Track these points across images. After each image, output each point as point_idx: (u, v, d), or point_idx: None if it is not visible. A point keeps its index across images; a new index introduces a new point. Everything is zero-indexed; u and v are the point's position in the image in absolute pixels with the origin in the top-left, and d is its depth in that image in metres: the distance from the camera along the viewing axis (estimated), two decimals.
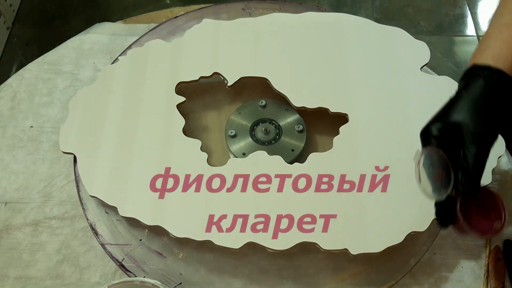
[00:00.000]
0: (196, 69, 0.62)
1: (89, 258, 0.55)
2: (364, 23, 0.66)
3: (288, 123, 0.60)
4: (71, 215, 0.58)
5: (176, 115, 0.58)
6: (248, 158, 0.55)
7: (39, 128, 0.65)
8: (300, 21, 0.66)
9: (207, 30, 0.65)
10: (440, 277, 0.54)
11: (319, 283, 0.51)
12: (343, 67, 0.62)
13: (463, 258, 0.55)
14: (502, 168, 0.61)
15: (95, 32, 0.74)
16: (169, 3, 1.52)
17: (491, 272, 0.54)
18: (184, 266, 0.52)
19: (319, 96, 0.59)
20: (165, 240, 0.54)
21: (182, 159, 0.55)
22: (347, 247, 0.49)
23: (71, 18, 1.48)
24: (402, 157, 0.54)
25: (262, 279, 0.52)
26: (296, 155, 0.57)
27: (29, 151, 0.63)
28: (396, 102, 0.59)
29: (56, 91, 0.68)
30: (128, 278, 0.49)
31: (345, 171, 0.53)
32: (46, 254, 0.55)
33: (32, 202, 0.59)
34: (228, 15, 0.71)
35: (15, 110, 0.67)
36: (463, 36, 1.57)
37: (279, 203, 0.52)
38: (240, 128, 0.59)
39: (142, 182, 0.53)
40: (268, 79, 0.61)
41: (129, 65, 0.63)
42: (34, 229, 0.57)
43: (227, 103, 0.64)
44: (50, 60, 0.71)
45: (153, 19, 0.76)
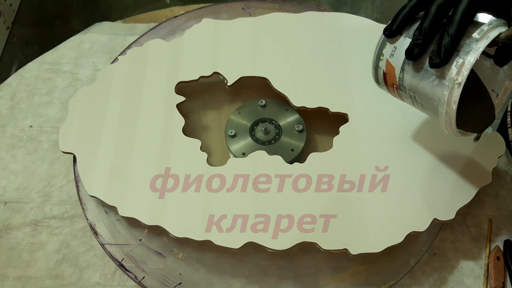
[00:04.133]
0: (196, 68, 0.62)
1: (88, 258, 0.55)
2: (364, 23, 0.66)
3: (288, 123, 0.60)
4: (71, 215, 0.58)
5: (176, 115, 0.58)
6: (248, 158, 0.55)
7: (39, 127, 0.65)
8: (300, 21, 0.66)
9: (207, 30, 0.65)
10: (440, 277, 0.54)
11: (319, 283, 0.51)
12: (343, 67, 0.62)
13: (463, 258, 0.55)
14: (502, 168, 0.61)
15: (95, 32, 0.74)
16: (169, 2, 1.52)
17: (491, 272, 0.54)
18: (184, 266, 0.52)
19: (319, 96, 0.59)
20: (165, 240, 0.54)
21: (182, 159, 0.55)
22: (347, 247, 0.49)
23: (71, 18, 1.48)
24: (402, 157, 0.54)
25: (262, 279, 0.52)
26: (296, 155, 0.57)
27: (28, 151, 0.63)
28: (396, 102, 0.59)
29: (55, 91, 0.68)
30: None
31: (345, 171, 0.53)
32: (46, 254, 0.55)
33: (32, 201, 0.59)
34: (228, 15, 0.71)
35: (14, 109, 0.66)
36: None
37: (279, 203, 0.52)
38: (240, 128, 0.59)
39: (142, 182, 0.53)
40: (268, 79, 0.61)
41: (128, 64, 0.63)
42: (34, 229, 0.57)
43: (227, 103, 0.64)
44: (49, 59, 0.71)
45: (153, 18, 0.76)
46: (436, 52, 0.40)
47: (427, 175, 0.53)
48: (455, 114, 0.41)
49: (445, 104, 0.41)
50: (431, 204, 0.52)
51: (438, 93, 0.41)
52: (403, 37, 0.44)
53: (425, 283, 0.53)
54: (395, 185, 0.53)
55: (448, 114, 0.42)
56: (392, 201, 0.52)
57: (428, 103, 0.44)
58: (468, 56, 0.39)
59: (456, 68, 0.39)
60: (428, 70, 0.41)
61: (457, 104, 0.40)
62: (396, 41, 0.44)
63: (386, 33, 0.44)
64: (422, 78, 0.42)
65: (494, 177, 0.54)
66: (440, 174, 0.53)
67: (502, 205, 0.58)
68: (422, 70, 0.42)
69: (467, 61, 0.39)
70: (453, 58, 0.40)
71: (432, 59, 0.40)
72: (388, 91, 0.49)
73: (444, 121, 0.43)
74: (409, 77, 0.44)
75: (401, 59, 0.43)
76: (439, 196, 0.52)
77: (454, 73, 0.39)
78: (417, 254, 0.53)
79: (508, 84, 0.46)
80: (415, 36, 0.41)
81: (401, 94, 0.47)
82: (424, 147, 0.55)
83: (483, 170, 0.54)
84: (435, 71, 0.41)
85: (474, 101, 0.47)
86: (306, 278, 0.52)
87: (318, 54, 0.63)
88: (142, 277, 0.51)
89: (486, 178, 0.53)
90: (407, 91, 0.45)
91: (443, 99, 0.41)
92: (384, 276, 0.52)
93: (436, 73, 0.41)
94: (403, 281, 0.53)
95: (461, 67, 0.39)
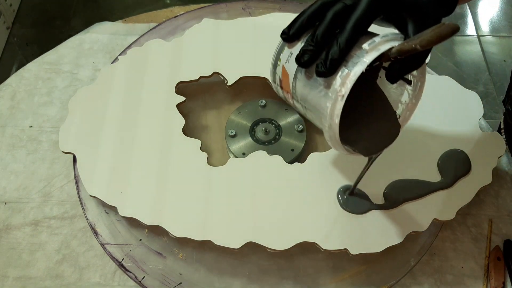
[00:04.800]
0: (196, 68, 0.62)
1: (88, 258, 0.55)
2: None
3: (288, 123, 0.60)
4: (71, 215, 0.58)
5: (176, 115, 0.58)
6: (248, 158, 0.55)
7: (39, 127, 0.65)
8: None
9: (207, 30, 0.65)
10: (440, 277, 0.54)
11: (319, 283, 0.51)
12: None
13: (463, 258, 0.55)
14: (502, 168, 0.61)
15: (95, 32, 0.74)
16: (169, 2, 1.52)
17: (491, 272, 0.54)
18: (184, 266, 0.52)
19: None
20: (165, 240, 0.54)
21: (182, 159, 0.55)
22: (347, 247, 0.49)
23: (71, 18, 1.48)
24: (402, 157, 0.54)
25: (262, 279, 0.52)
26: (296, 155, 0.57)
27: (28, 151, 0.63)
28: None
29: (55, 91, 0.68)
30: None
31: (345, 171, 0.53)
32: (46, 254, 0.55)
33: (32, 201, 0.59)
34: (228, 15, 0.71)
35: (14, 109, 0.67)
36: (463, 36, 1.57)
37: (279, 203, 0.52)
38: (240, 128, 0.59)
39: (142, 182, 0.53)
40: (268, 79, 0.61)
41: (128, 64, 0.63)
42: (34, 229, 0.57)
43: (227, 103, 0.64)
44: (49, 59, 0.71)
45: (153, 18, 0.76)
46: (323, 61, 0.37)
47: (427, 174, 0.53)
48: (337, 127, 0.37)
49: (328, 116, 0.37)
50: (431, 204, 0.52)
51: (323, 104, 0.38)
52: (300, 42, 0.40)
53: (425, 283, 0.53)
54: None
55: (332, 128, 0.38)
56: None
57: (317, 115, 0.40)
58: (355, 68, 0.36)
59: (340, 79, 0.36)
60: (317, 79, 0.38)
61: (339, 117, 0.37)
62: (293, 47, 0.40)
63: (283, 36, 0.40)
64: (311, 88, 0.39)
65: (494, 177, 0.54)
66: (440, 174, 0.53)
67: (502, 205, 0.58)
68: (312, 79, 0.39)
69: (353, 73, 0.36)
70: (340, 69, 0.37)
71: (318, 67, 0.37)
72: (286, 99, 0.45)
73: (329, 136, 0.39)
74: (301, 85, 0.40)
75: (295, 66, 0.40)
76: (439, 196, 0.52)
77: (338, 84, 0.36)
78: (417, 254, 0.53)
79: (411, 106, 0.44)
80: (307, 42, 0.38)
81: (295, 104, 0.43)
82: (424, 147, 0.55)
83: (483, 170, 0.54)
84: (322, 81, 0.38)
85: (377, 121, 0.45)
86: (306, 278, 0.52)
87: None
88: (142, 277, 0.51)
89: (486, 178, 0.53)
90: (299, 101, 0.42)
91: (326, 111, 0.37)
92: (384, 276, 0.52)
93: (323, 83, 0.38)
94: (403, 281, 0.53)
95: (345, 78, 0.36)
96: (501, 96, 1.37)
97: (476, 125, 0.57)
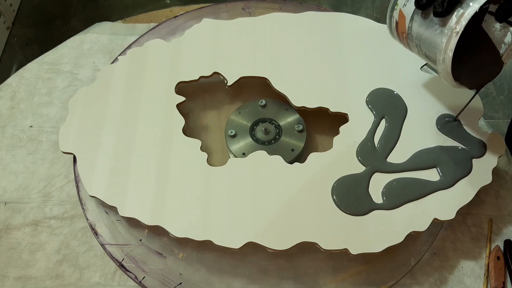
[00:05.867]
0: (196, 68, 0.62)
1: (88, 258, 0.55)
2: (364, 23, 0.66)
3: (288, 123, 0.60)
4: (71, 215, 0.58)
5: (176, 115, 0.58)
6: (248, 158, 0.55)
7: (39, 128, 0.65)
8: (300, 20, 0.66)
9: (207, 30, 0.65)
10: (440, 277, 0.54)
11: (319, 283, 0.51)
12: (343, 67, 0.62)
13: (463, 258, 0.55)
14: (502, 168, 0.61)
15: (95, 32, 0.74)
16: (169, 2, 1.52)
17: (492, 271, 0.54)
18: (184, 266, 0.52)
19: (319, 96, 0.59)
20: (165, 240, 0.54)
21: (182, 159, 0.55)
22: (347, 247, 0.49)
23: (71, 18, 1.48)
24: (402, 157, 0.54)
25: (262, 279, 0.52)
26: (296, 155, 0.57)
27: (28, 151, 0.63)
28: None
29: (55, 91, 0.68)
30: None
31: (345, 171, 0.53)
32: (46, 254, 0.55)
33: (32, 202, 0.59)
34: (228, 15, 0.71)
35: (14, 109, 0.67)
36: None
37: (279, 203, 0.52)
38: (240, 128, 0.59)
39: (142, 182, 0.53)
40: (268, 79, 0.61)
41: (128, 64, 0.63)
42: (34, 229, 0.57)
43: (227, 103, 0.64)
44: (49, 59, 0.71)
45: (152, 18, 0.76)
46: (441, 2, 0.43)
47: (427, 174, 0.53)
48: (450, 61, 0.44)
49: (443, 51, 0.44)
50: (431, 204, 0.52)
51: (438, 40, 0.45)
52: None
53: (425, 283, 0.53)
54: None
55: (445, 62, 0.45)
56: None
57: (431, 52, 0.47)
58: (469, 8, 0.42)
59: (456, 18, 0.43)
60: (433, 19, 0.45)
61: (453, 51, 0.44)
62: None
63: None
64: (427, 27, 0.46)
65: (494, 177, 0.54)
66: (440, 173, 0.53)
67: (502, 205, 0.58)
68: (428, 20, 0.46)
69: (467, 12, 0.42)
70: (456, 9, 0.43)
71: (435, 8, 0.44)
72: (399, 41, 0.53)
73: (442, 68, 0.46)
74: (417, 26, 0.48)
75: (412, 9, 0.47)
76: (439, 196, 0.52)
77: (453, 22, 0.43)
78: (417, 254, 0.53)
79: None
80: None
81: (409, 43, 0.50)
82: (424, 146, 0.55)
83: (483, 170, 0.54)
84: (438, 20, 0.45)
85: (483, 58, 0.50)
86: (306, 278, 0.52)
87: (318, 54, 0.63)
88: (142, 277, 0.51)
89: (486, 178, 0.53)
90: (414, 40, 0.49)
91: (441, 46, 0.44)
92: (384, 276, 0.52)
93: (439, 22, 0.45)
94: (403, 281, 0.53)
95: (460, 17, 0.42)
96: (501, 96, 1.37)
97: (476, 125, 0.57)
